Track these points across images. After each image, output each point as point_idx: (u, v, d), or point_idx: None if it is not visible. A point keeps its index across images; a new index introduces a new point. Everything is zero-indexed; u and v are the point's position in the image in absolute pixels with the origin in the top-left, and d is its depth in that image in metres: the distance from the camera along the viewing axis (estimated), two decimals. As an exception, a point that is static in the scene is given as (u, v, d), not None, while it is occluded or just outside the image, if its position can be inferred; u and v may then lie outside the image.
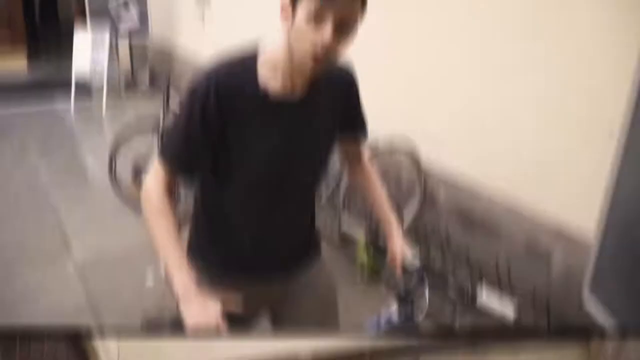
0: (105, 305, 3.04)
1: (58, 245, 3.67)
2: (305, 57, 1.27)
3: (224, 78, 1.34)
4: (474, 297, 1.53)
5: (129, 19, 7.40)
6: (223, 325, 1.29)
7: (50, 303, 3.04)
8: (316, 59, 1.27)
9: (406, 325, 1.58)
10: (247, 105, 1.36)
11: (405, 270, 1.64)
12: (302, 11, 1.24)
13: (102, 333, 1.20)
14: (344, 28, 1.26)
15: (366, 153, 1.80)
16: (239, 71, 1.35)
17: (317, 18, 1.23)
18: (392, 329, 1.57)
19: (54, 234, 3.82)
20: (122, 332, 1.43)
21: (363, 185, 1.80)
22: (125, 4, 7.33)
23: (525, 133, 2.97)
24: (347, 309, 3.11)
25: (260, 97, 1.36)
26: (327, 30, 1.23)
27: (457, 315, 2.83)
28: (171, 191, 1.43)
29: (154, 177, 1.43)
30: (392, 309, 1.61)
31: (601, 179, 2.50)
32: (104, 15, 7.34)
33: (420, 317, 1.61)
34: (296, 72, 1.35)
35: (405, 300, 1.58)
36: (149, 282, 3.30)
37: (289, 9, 1.28)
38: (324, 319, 1.69)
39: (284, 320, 1.69)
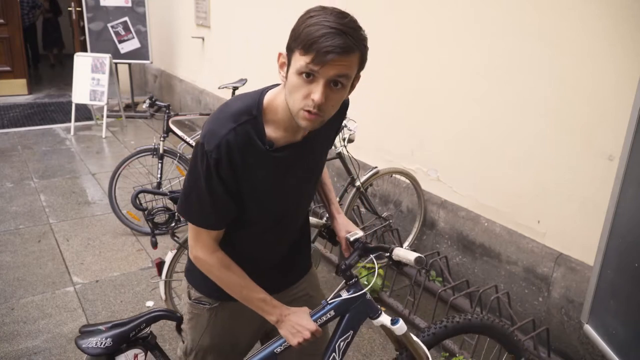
0: (105, 330, 3.03)
1: (58, 268, 3.66)
2: (298, 110, 1.27)
3: (233, 140, 1.32)
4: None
5: (130, 42, 7.49)
6: (319, 329, 1.50)
7: (50, 326, 3.04)
8: (309, 113, 1.25)
9: (356, 299, 1.60)
10: (257, 158, 1.37)
11: (349, 243, 1.69)
12: (294, 66, 1.23)
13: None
14: (338, 85, 1.24)
15: None
16: (245, 129, 1.34)
17: (308, 74, 1.21)
18: (342, 304, 1.59)
19: (54, 257, 3.81)
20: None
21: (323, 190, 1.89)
22: (126, 28, 7.42)
23: (524, 157, 3.00)
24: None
25: (268, 148, 1.37)
26: (318, 87, 1.21)
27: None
28: (218, 245, 1.48)
29: (199, 244, 1.47)
30: (340, 288, 1.64)
31: (601, 202, 2.53)
32: (105, 38, 7.43)
33: (369, 287, 1.63)
34: (294, 123, 1.34)
35: (348, 273, 1.59)
36: (149, 303, 3.31)
37: (285, 63, 1.29)
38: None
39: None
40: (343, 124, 3.38)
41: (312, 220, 1.95)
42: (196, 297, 1.62)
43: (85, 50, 7.65)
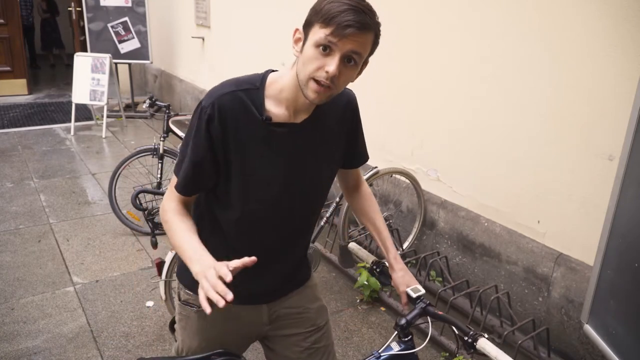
0: (106, 328, 3.04)
1: (58, 268, 3.66)
2: (308, 80, 1.28)
3: (229, 101, 1.35)
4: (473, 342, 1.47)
5: (130, 42, 7.49)
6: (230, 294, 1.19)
7: (50, 326, 3.04)
8: (319, 83, 1.27)
9: (405, 356, 1.57)
10: (250, 130, 1.37)
11: (410, 299, 1.63)
12: (313, 38, 1.27)
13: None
14: (351, 62, 1.28)
15: (362, 176, 1.82)
16: (244, 96, 1.36)
17: (325, 47, 1.25)
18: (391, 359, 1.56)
19: (54, 257, 3.81)
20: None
21: (361, 208, 1.79)
22: (126, 28, 7.42)
23: (524, 157, 3.00)
24: (348, 331, 3.14)
25: (264, 122, 1.37)
26: (334, 59, 1.25)
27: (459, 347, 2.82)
28: (188, 207, 1.47)
29: (170, 198, 1.46)
30: (393, 339, 1.60)
31: (601, 202, 2.53)
32: (105, 38, 7.43)
33: (419, 348, 1.59)
34: (300, 100, 1.36)
35: (406, 330, 1.55)
36: (149, 303, 3.31)
37: (302, 34, 1.32)
38: (315, 341, 1.69)
39: (275, 343, 1.69)
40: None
41: (362, 253, 1.87)
42: (185, 298, 1.60)
43: (85, 50, 7.65)
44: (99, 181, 5.32)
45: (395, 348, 1.55)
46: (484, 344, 1.42)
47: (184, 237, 1.37)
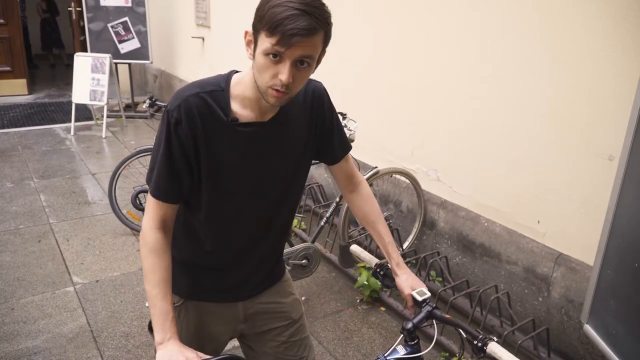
0: (105, 328, 3.04)
1: (58, 268, 3.66)
2: (266, 89, 1.28)
3: (195, 103, 1.33)
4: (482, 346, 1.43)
5: (130, 42, 7.49)
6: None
7: (50, 326, 3.04)
8: (277, 92, 1.27)
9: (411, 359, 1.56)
10: (218, 131, 1.36)
11: (415, 302, 1.60)
12: (261, 46, 1.24)
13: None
14: (304, 64, 1.26)
15: (360, 175, 1.76)
16: (210, 98, 1.35)
17: (275, 55, 1.23)
18: None
19: (54, 257, 3.81)
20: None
21: (361, 212, 1.73)
22: (126, 28, 7.42)
23: (524, 157, 3.00)
24: (348, 331, 3.14)
25: (231, 122, 1.36)
26: (285, 67, 1.24)
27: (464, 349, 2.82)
28: (166, 226, 1.42)
29: (148, 213, 1.42)
30: (399, 342, 1.59)
31: (601, 202, 2.54)
32: (105, 38, 7.43)
33: (425, 351, 1.59)
34: (263, 103, 1.36)
35: (412, 334, 1.54)
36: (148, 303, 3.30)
37: (251, 41, 1.30)
38: (292, 334, 1.69)
39: (252, 341, 1.69)
40: (343, 124, 3.39)
41: (365, 256, 1.83)
42: None
43: (85, 50, 7.65)
44: (99, 181, 5.32)
45: (401, 352, 1.53)
46: (495, 347, 1.39)
47: (157, 294, 1.36)
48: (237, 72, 1.42)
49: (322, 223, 3.47)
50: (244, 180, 1.43)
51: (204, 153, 1.36)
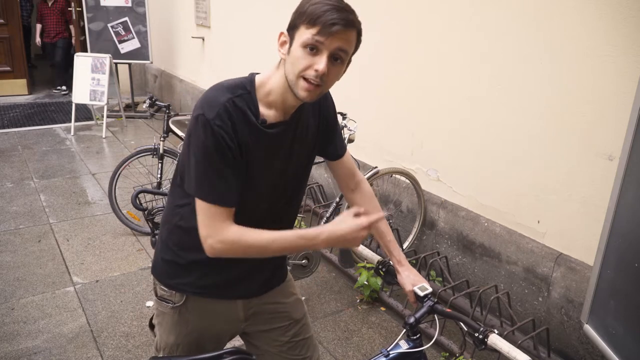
0: (105, 328, 3.04)
1: (58, 268, 3.66)
2: (298, 79, 1.31)
3: (231, 108, 1.35)
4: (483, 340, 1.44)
5: (130, 42, 7.49)
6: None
7: (50, 326, 3.04)
8: (309, 83, 1.30)
9: (414, 354, 1.57)
10: (250, 133, 1.39)
11: (417, 298, 1.62)
12: (299, 39, 1.30)
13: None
14: (337, 60, 1.32)
15: (360, 174, 1.79)
16: (239, 101, 1.37)
17: (313, 47, 1.29)
18: (400, 357, 1.56)
19: (54, 257, 3.81)
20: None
21: (362, 207, 1.70)
22: (126, 28, 7.42)
23: (524, 157, 3.00)
24: (348, 331, 3.14)
25: (261, 125, 1.40)
26: (322, 58, 1.29)
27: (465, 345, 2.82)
28: (230, 221, 1.39)
29: (211, 223, 1.37)
30: (401, 337, 1.60)
31: (601, 202, 2.54)
32: (105, 38, 7.43)
33: (427, 345, 1.60)
34: (289, 100, 1.39)
35: (415, 328, 1.56)
36: (149, 303, 3.31)
37: (287, 37, 1.35)
38: (294, 334, 1.70)
39: (255, 339, 1.70)
40: (342, 124, 3.39)
41: (367, 253, 1.84)
42: (161, 294, 1.59)
43: (85, 50, 7.65)
44: (99, 181, 5.32)
45: (404, 346, 1.57)
46: (496, 339, 1.41)
47: (283, 236, 1.39)
48: (255, 73, 1.45)
49: (322, 223, 3.47)
50: (271, 178, 1.48)
51: (245, 156, 1.39)
